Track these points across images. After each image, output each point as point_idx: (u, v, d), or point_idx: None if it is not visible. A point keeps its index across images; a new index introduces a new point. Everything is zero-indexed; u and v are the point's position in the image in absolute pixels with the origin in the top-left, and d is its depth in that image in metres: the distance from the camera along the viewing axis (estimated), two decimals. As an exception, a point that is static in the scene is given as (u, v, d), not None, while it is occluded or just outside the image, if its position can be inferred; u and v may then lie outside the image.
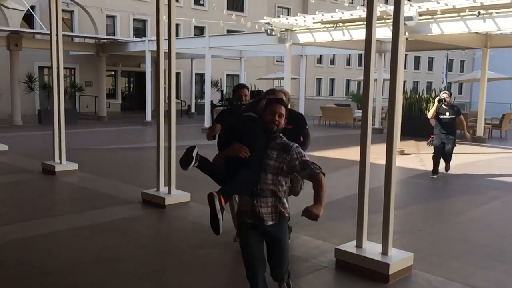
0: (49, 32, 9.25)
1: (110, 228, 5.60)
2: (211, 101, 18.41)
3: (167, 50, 6.74)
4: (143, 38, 21.33)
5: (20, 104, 19.62)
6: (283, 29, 15.13)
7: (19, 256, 4.57)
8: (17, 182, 8.26)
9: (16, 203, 6.79)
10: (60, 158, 9.07)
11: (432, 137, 9.08)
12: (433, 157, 9.06)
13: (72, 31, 24.20)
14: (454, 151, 9.17)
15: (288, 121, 3.14)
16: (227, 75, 30.99)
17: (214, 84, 25.89)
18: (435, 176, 9.01)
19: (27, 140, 14.30)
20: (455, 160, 9.58)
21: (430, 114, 9.06)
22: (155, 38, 7.07)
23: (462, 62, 50.33)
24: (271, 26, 14.76)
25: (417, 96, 17.59)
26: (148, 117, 20.14)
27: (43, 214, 6.14)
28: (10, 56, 19.32)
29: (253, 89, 17.28)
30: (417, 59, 46.68)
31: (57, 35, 8.85)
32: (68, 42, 21.72)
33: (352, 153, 10.18)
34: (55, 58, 8.92)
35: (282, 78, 18.89)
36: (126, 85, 28.63)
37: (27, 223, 5.70)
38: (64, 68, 9.34)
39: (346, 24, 13.77)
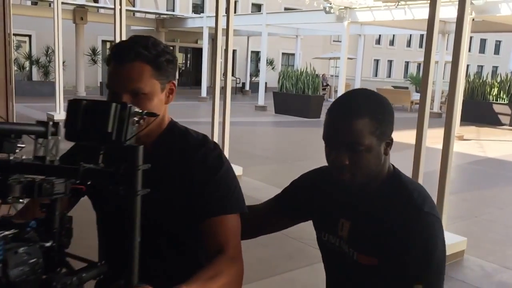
0: (113, 6, 9.57)
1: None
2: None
3: (224, 27, 6.81)
4: (201, 14, 21.57)
5: (83, 76, 20.51)
6: (342, 7, 14.81)
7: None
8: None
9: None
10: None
11: None
12: None
13: (134, 6, 24.84)
14: None
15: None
16: (283, 54, 30.81)
17: (269, 62, 25.86)
18: None
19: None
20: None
21: None
22: (213, 14, 7.16)
23: (533, 45, 47.33)
24: (330, 3, 14.49)
25: (480, 80, 16.80)
26: (204, 93, 20.48)
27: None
28: (75, 30, 20.15)
29: (309, 69, 17.07)
30: (483, 42, 44.29)
31: (120, 10, 9.14)
32: (130, 17, 22.33)
33: (406, 136, 9.95)
34: (118, 33, 9.24)
35: (339, 58, 18.58)
36: (183, 61, 29.16)
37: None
38: (126, 42, 9.65)
39: (408, 2, 13.29)
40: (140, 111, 0.95)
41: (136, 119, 0.94)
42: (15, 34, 23.19)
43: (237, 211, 1.30)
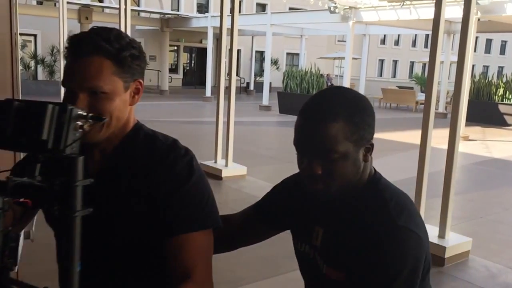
0: (118, 6, 9.60)
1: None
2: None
3: (229, 27, 6.82)
4: (206, 14, 21.59)
5: (88, 76, 20.58)
6: (347, 7, 14.78)
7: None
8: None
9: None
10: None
11: None
12: None
13: (138, 6, 24.90)
14: None
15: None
16: (287, 54, 30.79)
17: (274, 62, 25.86)
18: None
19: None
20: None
21: None
22: (217, 14, 7.16)
23: (539, 45, 47.09)
24: (335, 3, 14.47)
25: (486, 80, 16.73)
26: (208, 93, 20.50)
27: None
28: (80, 29, 20.20)
29: (314, 69, 17.18)
30: (488, 42, 44.12)
31: (125, 9, 9.17)
32: (135, 17, 22.38)
33: (412, 137, 9.94)
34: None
35: (343, 58, 18.56)
36: (188, 60, 29.20)
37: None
38: (131, 42, 9.68)
39: (413, 2, 13.25)
40: (85, 113, 0.81)
41: (79, 123, 0.79)
42: (20, 34, 23.23)
43: (209, 226, 1.11)
